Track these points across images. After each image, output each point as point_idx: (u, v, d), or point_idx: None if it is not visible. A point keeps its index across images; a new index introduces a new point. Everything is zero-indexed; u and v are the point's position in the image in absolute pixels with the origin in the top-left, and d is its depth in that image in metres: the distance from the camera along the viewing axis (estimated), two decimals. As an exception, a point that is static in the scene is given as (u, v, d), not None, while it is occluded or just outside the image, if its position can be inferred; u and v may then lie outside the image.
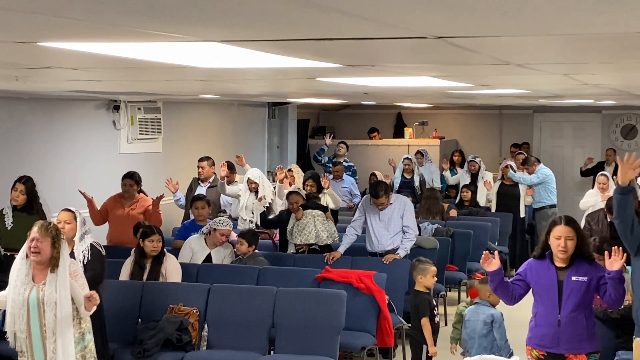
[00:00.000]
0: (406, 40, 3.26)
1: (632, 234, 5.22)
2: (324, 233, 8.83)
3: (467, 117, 17.13)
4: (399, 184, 13.37)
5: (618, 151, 15.70)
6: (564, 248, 5.30)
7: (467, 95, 9.91)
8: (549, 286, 5.41)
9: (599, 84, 6.92)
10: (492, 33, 3.13)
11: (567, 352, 5.39)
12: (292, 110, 14.72)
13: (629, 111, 16.10)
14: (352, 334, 7.31)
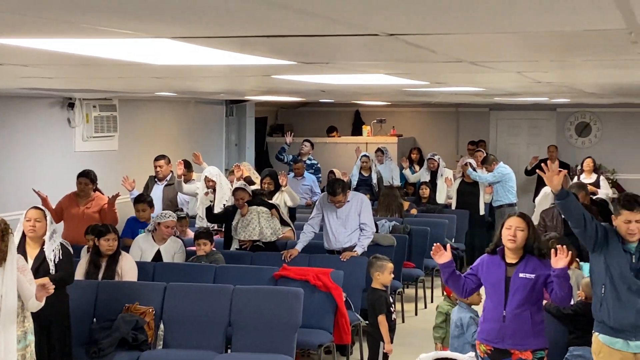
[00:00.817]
0: (358, 38, 3.27)
1: (586, 231, 5.27)
2: (268, 230, 8.83)
3: (424, 115, 17.23)
4: (356, 181, 13.41)
5: (573, 149, 15.94)
6: (513, 237, 5.37)
7: (424, 93, 9.97)
8: (497, 282, 5.47)
9: (551, 81, 6.99)
10: (443, 30, 3.15)
11: (511, 347, 5.44)
12: (250, 108, 14.69)
13: (583, 109, 16.30)
14: (309, 332, 7.32)
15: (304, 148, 13.72)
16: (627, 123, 16.13)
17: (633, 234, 5.22)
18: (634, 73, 5.74)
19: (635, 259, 5.24)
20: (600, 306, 5.34)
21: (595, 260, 5.38)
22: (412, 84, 7.16)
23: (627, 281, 5.23)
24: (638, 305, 5.23)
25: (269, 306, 7.03)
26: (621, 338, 5.30)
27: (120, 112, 11.30)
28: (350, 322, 7.75)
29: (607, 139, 16.27)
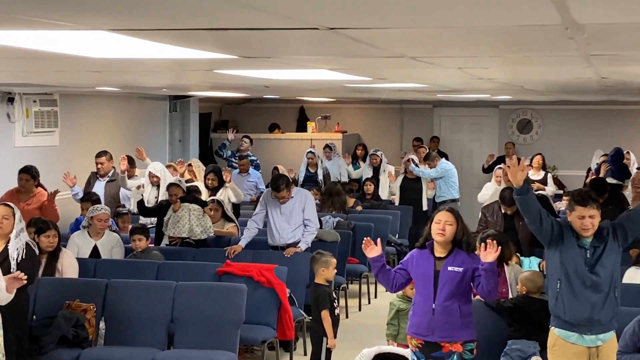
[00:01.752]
0: (298, 32, 3.27)
1: (542, 227, 5.33)
2: (198, 228, 8.80)
3: (369, 112, 17.29)
4: (303, 177, 13.43)
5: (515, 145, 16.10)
6: (442, 231, 5.42)
7: (368, 89, 10.00)
8: (426, 275, 5.52)
9: (492, 78, 7.05)
10: (383, 25, 3.16)
11: (441, 340, 5.49)
12: (193, 104, 14.60)
13: (525, 106, 16.51)
14: (252, 328, 7.30)
15: (244, 144, 13.72)
16: (567, 120, 16.38)
17: (587, 229, 5.29)
18: (571, 70, 5.82)
19: (589, 254, 5.32)
20: (556, 301, 5.41)
21: (551, 256, 5.45)
22: (355, 79, 7.18)
23: (582, 276, 5.30)
24: (592, 300, 5.31)
25: (211, 302, 6.99)
26: (576, 332, 5.37)
27: (61, 107, 11.14)
28: (293, 317, 7.75)
29: (548, 135, 16.50)
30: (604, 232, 5.35)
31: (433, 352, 5.51)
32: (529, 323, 6.14)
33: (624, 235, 5.37)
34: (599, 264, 5.30)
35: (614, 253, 5.37)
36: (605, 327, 5.38)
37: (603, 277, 5.30)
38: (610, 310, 5.36)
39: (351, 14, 2.92)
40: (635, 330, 5.76)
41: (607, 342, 5.41)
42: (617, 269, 5.44)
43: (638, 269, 7.47)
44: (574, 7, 2.65)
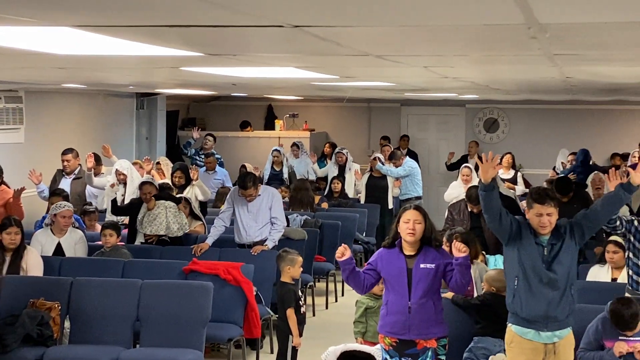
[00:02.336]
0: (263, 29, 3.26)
1: (501, 225, 5.37)
2: (175, 225, 8.77)
3: (336, 110, 17.31)
4: (268, 175, 13.42)
5: (480, 144, 16.21)
6: (412, 230, 5.44)
7: (335, 87, 10.01)
8: (399, 274, 5.53)
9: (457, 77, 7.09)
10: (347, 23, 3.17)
11: (417, 337, 5.52)
12: (161, 102, 14.53)
13: (492, 105, 16.62)
14: (219, 326, 7.29)
15: (208, 142, 13.71)
16: (533, 119, 16.51)
17: (545, 227, 5.34)
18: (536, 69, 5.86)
19: (547, 251, 5.37)
20: (513, 298, 5.45)
21: (509, 253, 5.50)
22: (322, 77, 7.19)
23: (539, 273, 5.35)
24: (549, 297, 5.35)
25: (177, 301, 6.97)
26: (533, 329, 5.42)
27: (26, 103, 11.04)
28: (260, 316, 7.75)
29: (514, 134, 16.62)
30: (562, 230, 5.40)
31: (407, 349, 5.54)
32: (496, 320, 6.18)
33: (581, 233, 5.43)
34: (556, 262, 5.35)
35: (570, 251, 5.42)
36: (561, 324, 5.43)
37: (560, 275, 5.35)
38: (566, 307, 5.41)
39: (316, 12, 2.92)
40: (598, 327, 5.83)
41: (564, 338, 5.46)
42: (573, 267, 5.49)
43: (602, 266, 7.55)
44: (536, 7, 2.67)
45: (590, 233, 5.55)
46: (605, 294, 6.31)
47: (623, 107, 15.84)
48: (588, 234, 5.51)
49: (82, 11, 2.92)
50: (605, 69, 5.98)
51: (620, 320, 5.67)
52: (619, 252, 7.13)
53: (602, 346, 5.82)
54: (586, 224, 5.44)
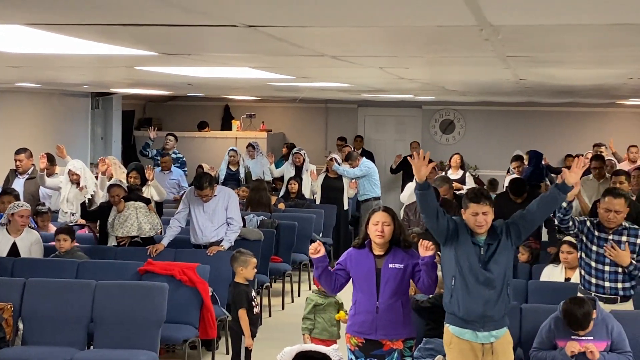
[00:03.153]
0: (217, 29, 3.25)
1: (438, 224, 5.40)
2: (147, 225, 8.71)
3: (294, 111, 17.32)
4: (224, 176, 13.37)
5: (437, 145, 16.33)
6: (381, 232, 5.46)
7: (292, 87, 10.01)
8: (368, 274, 5.55)
9: (413, 78, 7.12)
10: (301, 23, 3.17)
11: (384, 338, 5.53)
12: (116, 101, 14.41)
13: (448, 106, 16.74)
14: (174, 327, 7.24)
15: (169, 142, 13.60)
16: (489, 121, 16.67)
17: (481, 226, 5.39)
18: (490, 71, 5.91)
19: (483, 251, 5.41)
20: (451, 298, 5.48)
21: (446, 253, 5.52)
22: (278, 77, 7.18)
23: (476, 273, 5.39)
24: (485, 296, 5.39)
25: (132, 302, 6.92)
26: (470, 329, 5.45)
27: (-21, 103, 10.90)
28: (216, 316, 7.71)
29: (470, 136, 16.76)
30: (498, 230, 5.46)
31: (373, 350, 5.55)
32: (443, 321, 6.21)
33: (517, 234, 5.47)
34: (493, 261, 5.39)
35: (507, 251, 5.46)
36: (498, 324, 5.47)
37: (496, 274, 5.39)
38: (502, 307, 5.46)
39: (270, 12, 2.92)
40: (550, 327, 5.90)
41: (501, 338, 5.50)
42: (509, 267, 5.53)
43: (556, 266, 7.64)
44: (487, 9, 2.70)
45: (527, 233, 5.60)
46: (559, 294, 6.38)
47: (577, 109, 16.05)
48: (524, 234, 5.56)
49: (34, 9, 2.89)
50: (558, 71, 6.05)
51: (573, 320, 5.73)
52: (573, 252, 7.21)
53: (555, 345, 5.88)
54: (523, 224, 5.48)
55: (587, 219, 6.49)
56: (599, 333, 5.80)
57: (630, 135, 15.29)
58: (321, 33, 3.46)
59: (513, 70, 5.82)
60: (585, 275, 6.48)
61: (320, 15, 2.97)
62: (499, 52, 4.27)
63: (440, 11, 2.78)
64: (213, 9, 2.80)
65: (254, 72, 6.35)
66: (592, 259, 6.40)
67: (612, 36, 3.53)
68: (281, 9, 2.83)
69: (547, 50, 4.24)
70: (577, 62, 5.17)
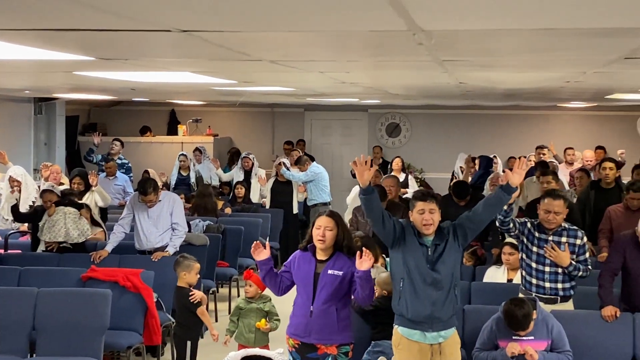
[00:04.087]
0: (151, 34, 3.24)
1: (385, 228, 5.44)
2: (75, 231, 8.62)
3: (240, 115, 17.29)
4: (175, 181, 13.32)
5: (384, 149, 16.43)
6: (323, 237, 5.49)
7: (235, 92, 9.99)
8: (306, 277, 5.57)
9: (355, 82, 7.16)
10: (235, 28, 3.17)
11: (317, 342, 5.55)
12: (60, 107, 14.25)
13: (393, 110, 16.85)
14: (118, 333, 7.19)
15: (114, 148, 13.50)
16: (434, 124, 16.81)
17: (428, 225, 5.43)
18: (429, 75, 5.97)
19: (430, 252, 5.46)
20: (399, 299, 5.52)
21: (394, 256, 5.57)
22: (220, 82, 7.16)
23: (423, 274, 5.43)
24: (433, 297, 5.44)
25: (75, 309, 6.85)
26: (418, 330, 5.50)
27: None
28: (161, 322, 7.66)
29: (416, 139, 16.89)
30: (445, 231, 5.52)
31: (309, 353, 5.57)
32: (391, 323, 6.25)
33: (464, 235, 5.54)
34: (440, 262, 5.45)
35: (454, 252, 5.52)
36: (446, 324, 5.52)
37: (443, 275, 5.44)
38: (450, 308, 5.51)
39: (203, 17, 2.92)
40: (492, 328, 5.97)
41: (449, 338, 5.56)
42: (457, 268, 5.58)
43: (498, 268, 7.73)
44: (415, 14, 2.73)
45: (473, 234, 5.66)
46: (501, 295, 6.46)
47: (520, 112, 16.28)
48: (471, 236, 5.62)
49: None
50: (495, 75, 6.12)
51: (513, 321, 5.80)
52: (514, 253, 7.31)
53: (497, 346, 5.95)
54: (469, 226, 5.54)
55: (527, 221, 6.59)
56: (539, 333, 5.89)
57: (571, 137, 15.56)
58: (256, 38, 3.47)
59: (451, 74, 5.88)
60: (526, 276, 6.57)
61: (253, 20, 2.98)
62: (435, 56, 4.32)
63: (370, 16, 2.80)
64: (144, 14, 2.79)
65: (196, 77, 6.33)
66: (533, 260, 6.49)
67: (540, 41, 3.60)
68: (214, 14, 2.83)
69: (481, 54, 4.30)
70: (512, 66, 5.25)
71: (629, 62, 4.58)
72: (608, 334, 6.32)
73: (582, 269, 6.41)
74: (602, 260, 7.30)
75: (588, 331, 6.31)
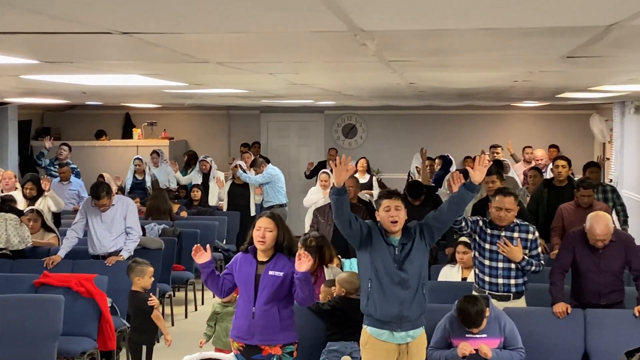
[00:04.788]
0: (91, 36, 3.21)
1: (352, 229, 5.45)
2: (16, 238, 8.54)
3: (196, 118, 17.23)
4: (130, 185, 13.24)
5: (340, 150, 16.45)
6: (263, 238, 5.50)
7: (189, 94, 9.94)
8: (247, 279, 5.59)
9: (306, 83, 7.15)
10: (176, 30, 3.15)
11: (261, 343, 5.56)
12: (12, 111, 14.07)
13: (349, 111, 16.89)
14: (71, 339, 7.15)
15: (62, 153, 13.43)
16: (390, 125, 16.88)
17: (395, 221, 5.47)
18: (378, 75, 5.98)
19: (398, 251, 5.50)
20: (368, 300, 5.55)
21: (362, 257, 5.60)
22: (170, 85, 7.12)
23: (391, 274, 5.47)
24: (401, 297, 5.48)
25: (27, 315, 6.80)
26: (387, 329, 5.53)
27: None
28: (115, 327, 7.62)
29: (372, 140, 16.95)
30: (412, 230, 5.57)
31: (253, 354, 5.58)
32: (348, 324, 6.26)
33: (430, 234, 5.59)
34: (407, 262, 5.49)
35: (421, 251, 5.57)
36: (414, 324, 5.57)
37: (411, 274, 5.49)
38: (418, 307, 5.55)
39: (143, 18, 2.90)
40: (446, 326, 6.01)
41: (417, 338, 5.61)
42: (424, 267, 5.64)
43: (453, 267, 7.79)
44: (352, 14, 2.73)
45: (439, 233, 5.72)
46: (455, 293, 6.50)
47: (475, 112, 16.40)
48: (437, 234, 5.68)
49: None
50: (445, 75, 6.15)
51: (467, 318, 5.86)
52: (468, 252, 7.38)
53: (450, 344, 6.00)
54: (435, 225, 5.61)
55: (479, 219, 6.66)
56: (492, 330, 5.95)
57: (525, 136, 15.72)
58: (199, 40, 3.45)
59: (400, 74, 5.91)
60: (479, 274, 6.63)
61: (192, 22, 2.96)
62: (380, 57, 4.33)
63: (307, 17, 2.80)
64: (81, 15, 2.76)
65: (145, 80, 6.29)
66: (486, 257, 6.56)
67: (484, 41, 3.63)
68: (153, 15, 2.81)
69: (427, 55, 4.32)
70: (460, 66, 5.28)
71: (571, 61, 4.64)
72: (560, 330, 6.40)
73: (534, 263, 6.49)
74: (554, 257, 7.39)
75: (540, 328, 6.39)
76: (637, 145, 12.81)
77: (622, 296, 6.66)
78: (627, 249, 6.54)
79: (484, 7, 2.70)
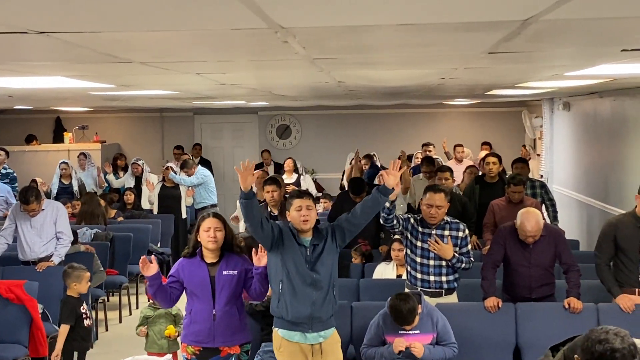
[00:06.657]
0: (7, 35, 3.15)
1: (263, 231, 5.43)
2: None
3: (128, 121, 17.08)
4: (56, 189, 13.04)
5: (274, 150, 16.46)
6: (214, 238, 5.49)
7: (119, 96, 9.83)
8: (202, 283, 5.54)
9: (235, 83, 7.12)
10: (93, 29, 3.11)
11: (222, 345, 5.57)
12: (-61, 117, 13.79)
13: (283, 112, 16.91)
14: (2, 347, 7.09)
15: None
16: (323, 125, 16.94)
17: (306, 221, 5.46)
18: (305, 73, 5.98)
19: (309, 252, 5.50)
20: (278, 302, 5.52)
21: (273, 259, 5.55)
22: (97, 86, 7.03)
23: (303, 274, 5.46)
24: (313, 297, 5.47)
25: (-46, 324, 6.65)
26: (299, 331, 5.52)
27: None
28: (47, 334, 7.52)
29: (307, 140, 16.99)
30: (323, 231, 5.57)
31: (210, 357, 5.56)
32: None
33: (342, 235, 5.60)
34: (319, 262, 5.49)
35: (332, 253, 5.57)
36: (325, 324, 5.57)
37: (323, 275, 5.49)
38: (330, 308, 5.56)
39: (59, 17, 2.85)
40: (379, 323, 6.04)
41: (329, 338, 5.62)
42: (335, 268, 5.64)
43: (388, 264, 7.84)
44: (272, 12, 2.72)
45: (351, 235, 5.70)
46: (388, 291, 6.55)
47: (408, 110, 16.55)
48: (349, 237, 5.67)
49: None
50: (372, 73, 6.18)
51: (399, 315, 5.88)
52: (403, 249, 7.42)
53: (384, 341, 6.02)
54: (347, 227, 5.60)
55: (410, 216, 6.70)
56: (425, 326, 5.99)
57: (458, 134, 15.90)
58: (118, 38, 3.41)
59: (327, 72, 5.92)
60: (412, 271, 6.68)
61: (109, 20, 2.93)
62: (304, 54, 4.33)
63: (226, 14, 2.78)
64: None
65: (70, 82, 6.19)
66: (417, 255, 6.60)
67: (405, 37, 3.65)
68: (69, 13, 2.77)
69: (350, 52, 4.33)
70: (385, 63, 5.31)
71: (494, 57, 4.69)
72: (491, 325, 6.48)
73: (465, 260, 6.57)
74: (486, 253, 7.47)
75: (472, 322, 6.46)
76: (566, 141, 13.06)
77: (553, 289, 6.76)
78: (557, 243, 6.64)
79: (399, 3, 2.72)
